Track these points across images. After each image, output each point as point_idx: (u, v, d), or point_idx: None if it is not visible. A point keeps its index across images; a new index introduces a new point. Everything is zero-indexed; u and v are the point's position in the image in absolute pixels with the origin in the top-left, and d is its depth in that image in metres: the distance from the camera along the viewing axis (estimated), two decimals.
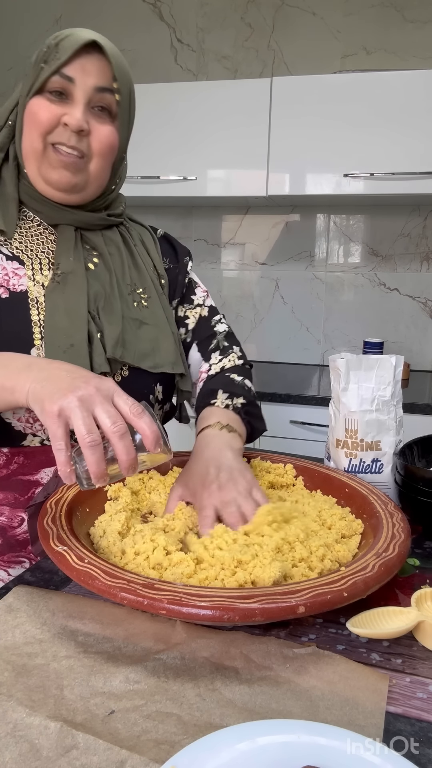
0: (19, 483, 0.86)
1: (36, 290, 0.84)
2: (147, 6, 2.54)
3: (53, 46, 0.78)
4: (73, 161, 0.80)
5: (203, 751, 0.41)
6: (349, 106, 2.03)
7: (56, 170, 0.81)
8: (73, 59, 0.77)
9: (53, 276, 0.85)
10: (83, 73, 0.78)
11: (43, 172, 0.82)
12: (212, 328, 1.02)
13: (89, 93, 0.79)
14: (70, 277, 0.85)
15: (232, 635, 0.57)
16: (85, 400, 0.59)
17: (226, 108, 2.14)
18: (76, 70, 0.78)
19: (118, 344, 0.84)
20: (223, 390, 0.92)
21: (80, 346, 0.81)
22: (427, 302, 2.45)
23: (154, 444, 0.61)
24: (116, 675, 0.52)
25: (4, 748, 0.44)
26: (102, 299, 0.86)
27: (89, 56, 0.78)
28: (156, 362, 0.89)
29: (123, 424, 0.59)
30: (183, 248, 1.05)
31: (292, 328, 2.60)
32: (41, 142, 0.79)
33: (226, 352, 1.01)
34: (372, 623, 0.57)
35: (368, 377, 0.87)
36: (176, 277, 1.00)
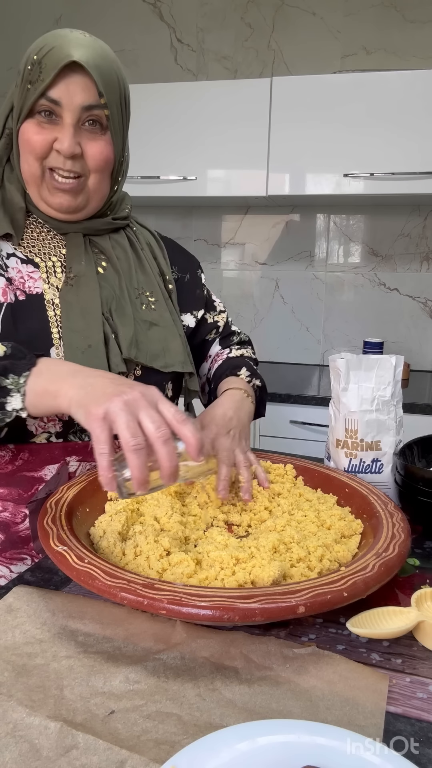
0: (23, 479, 0.86)
1: (51, 292, 0.86)
2: (147, 6, 2.54)
3: (36, 63, 0.77)
4: (71, 186, 0.82)
5: (203, 751, 0.41)
6: (349, 106, 2.03)
7: (56, 195, 0.83)
8: (57, 80, 0.77)
9: (66, 279, 0.87)
10: (68, 94, 0.77)
11: (44, 197, 0.84)
12: (230, 328, 1.11)
13: (77, 113, 0.79)
14: (83, 279, 0.87)
15: (232, 635, 0.57)
16: (131, 405, 0.60)
17: (226, 108, 2.14)
18: (62, 92, 0.77)
19: (132, 345, 0.87)
20: (247, 369, 1.01)
21: (97, 347, 0.83)
22: (427, 302, 2.45)
23: (197, 452, 0.61)
24: (116, 675, 0.52)
25: (4, 748, 0.44)
26: (113, 301, 0.88)
27: (73, 74, 0.77)
28: (167, 362, 0.91)
29: (167, 430, 0.60)
30: (193, 259, 1.08)
31: (292, 328, 2.60)
32: (39, 167, 0.81)
33: (245, 346, 1.11)
34: (372, 623, 0.57)
35: (368, 377, 0.87)
36: (193, 290, 1.04)
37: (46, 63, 0.76)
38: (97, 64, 0.79)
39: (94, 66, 0.78)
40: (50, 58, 0.76)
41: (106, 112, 0.82)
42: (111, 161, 0.85)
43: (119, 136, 0.86)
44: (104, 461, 0.59)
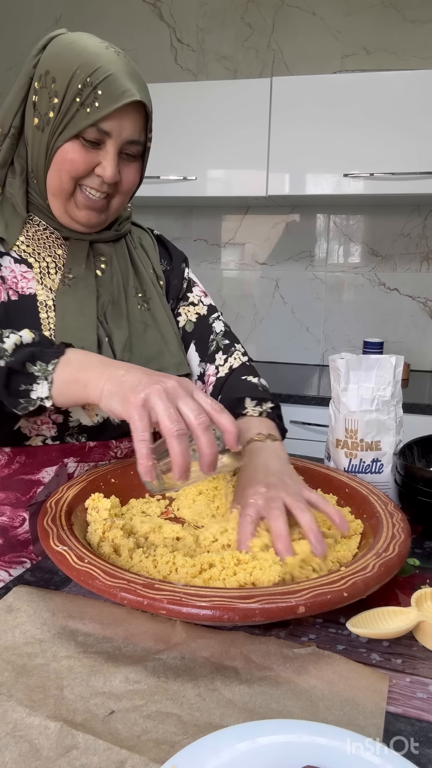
0: (20, 482, 0.86)
1: (44, 293, 0.85)
2: (147, 6, 2.54)
3: (90, 86, 0.75)
4: (100, 204, 0.83)
5: (203, 751, 0.41)
6: (348, 106, 2.03)
7: (83, 211, 0.83)
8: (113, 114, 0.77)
9: (63, 279, 0.86)
10: (119, 128, 0.79)
11: (70, 211, 0.84)
12: (210, 326, 1.01)
13: (122, 144, 0.80)
14: (81, 282, 0.87)
15: (232, 635, 0.57)
16: (169, 393, 0.60)
17: (226, 108, 2.14)
18: (114, 125, 0.78)
19: (126, 348, 0.86)
20: (251, 397, 0.89)
21: (90, 349, 0.82)
22: (427, 302, 2.45)
23: (235, 440, 0.61)
24: (116, 675, 0.52)
25: (4, 748, 0.44)
26: (110, 305, 0.88)
27: (127, 109, 0.78)
28: (161, 365, 0.90)
29: (206, 418, 0.59)
30: (178, 253, 1.05)
31: (292, 328, 2.60)
32: (72, 185, 0.81)
33: (229, 351, 0.99)
34: (372, 623, 0.57)
35: (368, 377, 0.87)
36: (172, 281, 1.01)
37: (103, 92, 0.76)
38: (148, 99, 0.81)
39: (148, 104, 0.81)
40: (108, 88, 0.76)
41: (148, 144, 0.85)
42: (136, 186, 0.88)
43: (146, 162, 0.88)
44: (144, 448, 0.59)
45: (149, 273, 0.97)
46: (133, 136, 0.81)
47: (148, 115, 0.82)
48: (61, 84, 0.76)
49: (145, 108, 0.81)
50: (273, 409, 0.90)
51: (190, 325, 1.00)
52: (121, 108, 0.77)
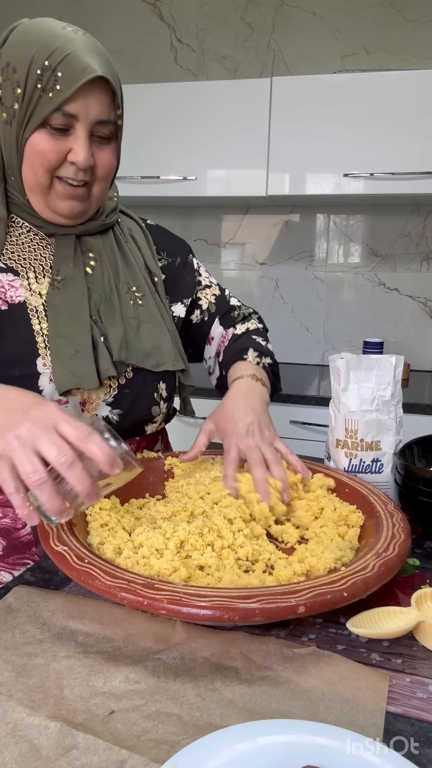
0: None
1: (34, 300, 0.84)
2: (147, 6, 2.54)
3: (50, 70, 0.73)
4: (80, 192, 0.81)
5: (203, 751, 0.41)
6: (348, 106, 2.03)
7: (64, 201, 0.81)
8: (76, 95, 0.74)
9: (52, 282, 0.84)
10: (85, 108, 0.75)
11: (51, 204, 0.82)
12: (229, 302, 1.08)
13: (91, 126, 0.77)
14: (70, 282, 0.85)
15: (232, 635, 0.57)
16: (24, 438, 0.58)
17: (226, 108, 2.14)
18: (79, 107, 0.75)
19: (123, 346, 0.86)
20: (254, 349, 0.99)
21: (85, 352, 0.82)
22: (427, 302, 2.45)
23: (109, 465, 0.58)
24: (116, 675, 0.52)
25: (4, 748, 0.44)
26: (102, 303, 0.87)
27: (91, 88, 0.75)
28: (158, 360, 0.90)
29: (69, 454, 0.57)
30: (182, 245, 1.05)
31: (292, 328, 2.60)
32: (48, 177, 0.79)
33: (248, 319, 1.08)
34: (372, 623, 0.57)
35: (368, 377, 0.87)
36: (183, 277, 1.02)
37: (63, 73, 0.73)
38: (112, 74, 0.78)
39: (112, 79, 0.77)
40: (68, 69, 0.73)
41: (119, 123, 0.81)
42: (114, 169, 0.85)
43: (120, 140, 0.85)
44: (16, 500, 0.58)
45: (141, 267, 0.95)
46: (101, 116, 0.77)
47: (114, 91, 0.78)
48: (21, 73, 0.74)
49: (110, 84, 0.76)
50: (270, 365, 0.99)
51: (212, 306, 1.05)
52: (84, 87, 0.73)
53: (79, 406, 0.85)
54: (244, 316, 1.07)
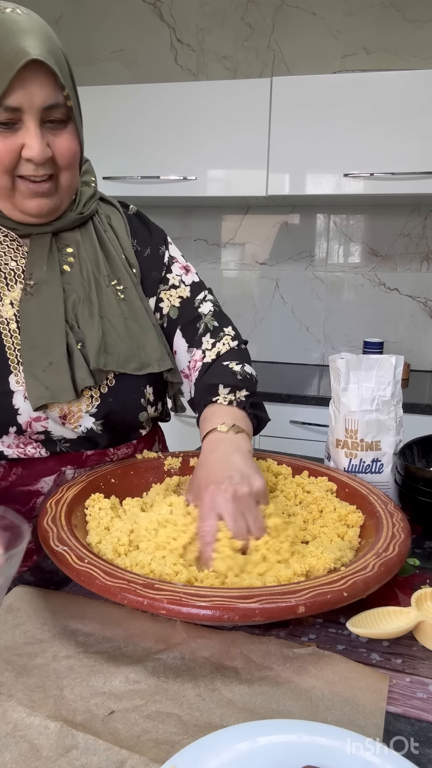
0: (19, 494, 0.85)
1: (5, 311, 0.79)
2: (147, 6, 2.54)
3: None
4: (47, 188, 0.76)
5: (203, 751, 0.41)
6: (349, 106, 2.03)
7: (31, 200, 0.77)
8: (14, 84, 0.68)
9: (24, 287, 0.80)
10: (28, 97, 0.69)
11: (18, 205, 0.77)
12: (196, 310, 0.92)
13: (39, 114, 0.71)
14: (44, 287, 0.80)
15: (232, 635, 0.57)
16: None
17: (226, 108, 2.14)
18: (21, 98, 0.69)
19: (101, 351, 0.80)
20: (224, 384, 0.85)
21: (59, 363, 0.77)
22: (427, 302, 2.45)
23: None
24: (116, 675, 0.52)
25: (4, 748, 0.44)
26: (80, 304, 0.81)
27: (29, 73, 0.68)
28: (142, 362, 0.84)
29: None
30: (158, 232, 0.95)
31: (292, 328, 2.60)
32: (8, 178, 0.74)
33: (217, 335, 0.92)
34: (372, 623, 0.57)
35: (368, 377, 0.87)
36: (149, 272, 0.91)
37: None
38: (51, 52, 0.70)
39: (52, 59, 0.70)
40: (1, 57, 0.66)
41: (69, 103, 0.74)
42: (78, 153, 0.79)
43: (79, 119, 0.78)
44: None
45: (121, 258, 0.88)
46: (48, 101, 0.71)
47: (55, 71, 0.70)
48: None
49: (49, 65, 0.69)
50: (248, 397, 0.85)
51: (174, 311, 0.92)
52: (21, 75, 0.67)
53: (59, 421, 0.81)
54: (209, 330, 0.92)
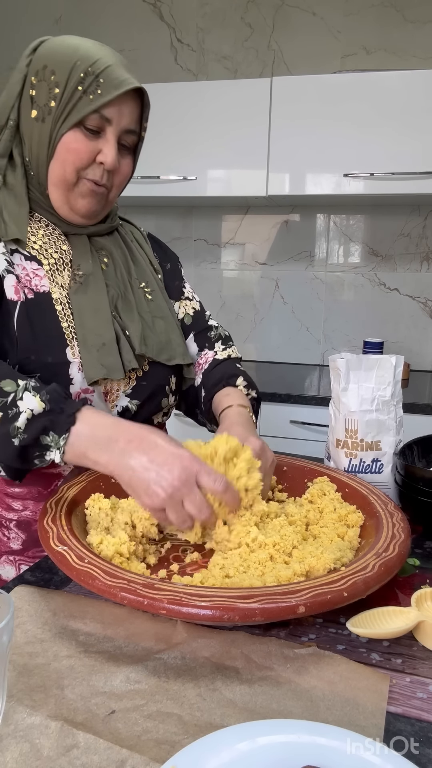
0: (42, 476, 0.88)
1: (57, 291, 0.86)
2: (147, 6, 2.54)
3: (92, 75, 0.78)
4: (101, 192, 0.86)
5: (204, 751, 0.41)
6: (349, 106, 2.03)
7: (85, 199, 0.85)
8: (114, 101, 0.80)
9: (74, 277, 0.88)
10: (119, 115, 0.81)
11: (71, 201, 0.85)
12: (207, 322, 1.06)
13: (120, 133, 0.83)
14: (91, 278, 0.88)
15: (232, 635, 0.57)
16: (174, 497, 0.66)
17: (226, 108, 2.14)
18: (114, 112, 0.81)
19: (142, 341, 0.89)
20: (243, 378, 0.98)
21: (111, 345, 0.85)
22: (427, 302, 2.45)
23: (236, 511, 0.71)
24: (117, 675, 0.52)
25: (5, 748, 0.44)
26: (119, 299, 0.90)
27: (127, 98, 0.81)
28: (170, 354, 0.94)
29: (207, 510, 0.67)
30: (172, 253, 1.09)
31: (292, 328, 2.60)
32: (75, 176, 0.83)
33: (227, 343, 1.06)
34: (372, 623, 0.57)
35: (368, 377, 0.87)
36: (172, 281, 1.04)
37: (106, 80, 0.79)
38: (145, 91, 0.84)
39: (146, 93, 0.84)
40: (110, 77, 0.79)
41: (142, 135, 0.88)
42: (129, 178, 0.91)
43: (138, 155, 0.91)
44: None
45: (147, 265, 0.99)
46: (130, 125, 0.83)
47: (144, 105, 0.85)
48: (61, 75, 0.79)
49: (142, 98, 0.84)
50: (254, 399, 0.99)
51: (188, 318, 1.04)
52: (121, 96, 0.80)
53: (103, 397, 0.88)
54: (221, 338, 1.06)
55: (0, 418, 0.70)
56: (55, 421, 0.70)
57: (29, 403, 0.70)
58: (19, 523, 0.89)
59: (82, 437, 0.70)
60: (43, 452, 0.71)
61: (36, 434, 0.70)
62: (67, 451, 0.70)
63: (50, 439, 0.70)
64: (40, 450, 0.71)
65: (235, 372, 0.99)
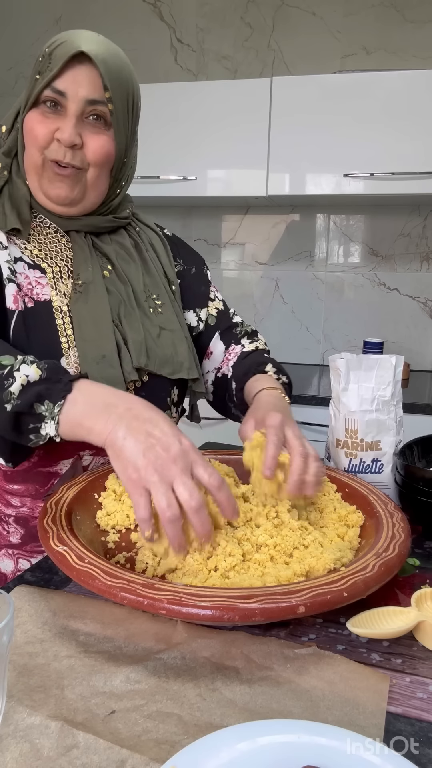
0: (39, 474, 0.88)
1: (59, 299, 0.85)
2: (147, 6, 2.54)
3: (47, 55, 0.78)
4: (69, 174, 0.82)
5: (203, 751, 0.41)
6: (348, 106, 2.03)
7: (54, 184, 0.83)
8: (64, 71, 0.78)
9: (74, 286, 0.86)
10: (74, 85, 0.78)
11: (44, 187, 0.84)
12: (231, 319, 1.06)
13: (81, 105, 0.79)
14: (91, 287, 0.87)
15: (232, 635, 0.57)
16: (163, 474, 0.59)
17: (226, 108, 2.14)
18: (67, 83, 0.78)
19: (142, 352, 0.87)
20: (272, 365, 0.98)
21: (111, 357, 0.84)
22: (427, 302, 2.45)
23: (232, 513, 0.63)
24: (117, 675, 0.52)
25: (4, 748, 0.44)
26: (121, 306, 0.89)
27: (80, 66, 0.78)
28: (174, 368, 0.92)
29: (199, 498, 0.59)
30: (198, 257, 1.07)
31: (292, 328, 2.60)
32: (39, 156, 0.81)
33: (254, 337, 1.07)
34: (372, 623, 0.57)
35: (368, 377, 0.87)
36: (198, 286, 1.03)
37: (55, 54, 0.78)
38: (105, 58, 0.80)
39: (101, 60, 0.79)
40: (60, 50, 0.78)
41: (110, 107, 0.81)
42: (111, 157, 0.85)
43: (123, 135, 0.86)
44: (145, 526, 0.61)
45: (160, 275, 0.97)
46: (92, 94, 0.79)
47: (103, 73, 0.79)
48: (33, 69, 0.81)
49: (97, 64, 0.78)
50: (285, 384, 0.98)
51: (212, 319, 1.04)
52: (72, 65, 0.77)
53: None
54: (247, 333, 1.06)
55: None
56: (51, 389, 0.67)
57: (25, 371, 0.68)
58: (17, 519, 0.90)
59: (78, 404, 0.66)
60: (37, 424, 0.67)
61: (30, 401, 0.66)
62: (62, 422, 0.66)
63: (45, 408, 0.67)
64: (34, 421, 0.67)
65: (263, 360, 0.99)
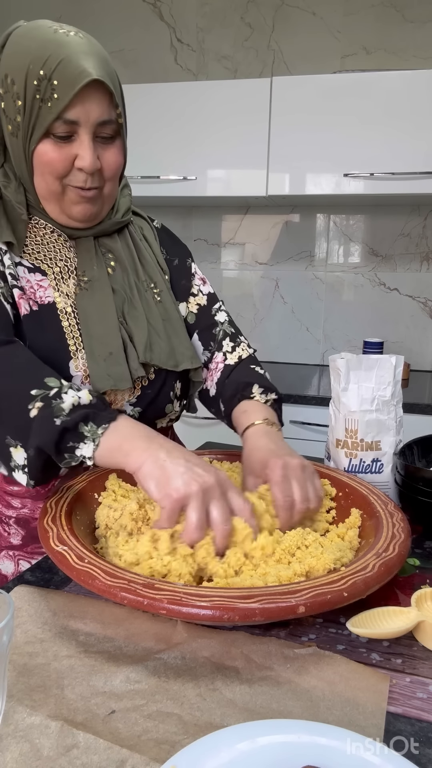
0: None
1: (62, 301, 0.85)
2: (147, 6, 2.54)
3: (46, 79, 0.73)
4: (92, 194, 0.82)
5: (203, 751, 0.41)
6: (349, 106, 2.03)
7: (78, 205, 0.82)
8: (74, 101, 0.74)
9: (78, 284, 0.86)
10: (85, 113, 0.76)
11: (66, 210, 0.83)
12: (213, 317, 1.01)
13: (93, 128, 0.78)
14: (96, 284, 0.86)
15: (232, 635, 0.57)
16: (207, 492, 0.63)
17: (226, 108, 2.14)
18: (79, 112, 0.75)
19: (147, 348, 0.87)
20: (258, 384, 0.93)
21: (118, 354, 0.84)
22: (427, 302, 2.45)
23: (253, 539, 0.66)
24: (117, 675, 0.52)
25: (5, 748, 0.44)
26: (126, 303, 0.88)
27: (88, 91, 0.75)
28: (177, 360, 0.91)
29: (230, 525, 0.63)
30: (183, 248, 1.05)
31: (292, 328, 2.60)
32: (59, 185, 0.80)
33: (235, 340, 1.01)
34: (372, 623, 0.57)
35: (368, 377, 0.87)
36: (178, 280, 1.00)
37: (59, 80, 0.73)
38: (108, 74, 0.78)
39: (108, 79, 0.77)
40: (63, 75, 0.73)
41: (119, 121, 0.81)
42: (122, 166, 0.85)
43: (125, 137, 0.86)
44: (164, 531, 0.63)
45: (155, 264, 0.96)
46: (102, 117, 0.78)
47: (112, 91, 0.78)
48: (19, 85, 0.75)
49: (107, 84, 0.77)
50: (275, 401, 0.94)
51: (191, 317, 1.00)
52: (81, 92, 0.74)
53: None
54: (227, 335, 1.01)
55: (41, 406, 0.69)
56: (98, 414, 0.70)
57: (77, 393, 0.70)
58: (18, 520, 0.89)
59: (120, 431, 0.69)
60: (77, 443, 0.69)
61: (77, 420, 0.68)
62: (102, 444, 0.68)
63: (88, 429, 0.68)
64: (74, 440, 0.69)
65: (248, 380, 0.94)
